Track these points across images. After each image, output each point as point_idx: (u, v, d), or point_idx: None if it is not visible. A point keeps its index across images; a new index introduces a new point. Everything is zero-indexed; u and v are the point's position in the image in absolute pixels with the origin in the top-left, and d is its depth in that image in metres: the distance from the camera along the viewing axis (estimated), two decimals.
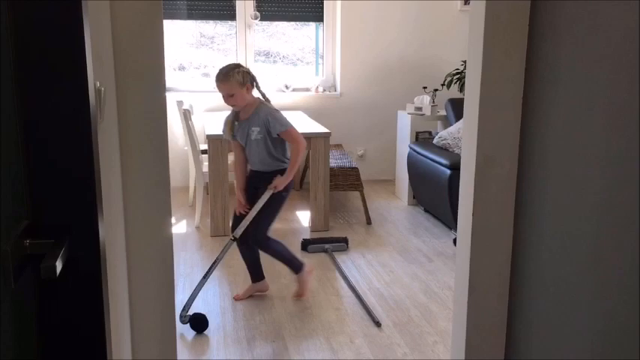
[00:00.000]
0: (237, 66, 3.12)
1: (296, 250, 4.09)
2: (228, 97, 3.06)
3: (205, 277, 3.12)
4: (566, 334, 1.60)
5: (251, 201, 3.19)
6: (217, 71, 3.09)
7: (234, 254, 4.00)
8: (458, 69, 5.26)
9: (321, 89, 5.91)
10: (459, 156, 2.06)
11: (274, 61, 6.09)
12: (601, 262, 1.46)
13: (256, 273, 3.36)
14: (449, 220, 4.24)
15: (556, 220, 1.62)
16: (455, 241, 4.20)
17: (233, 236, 3.19)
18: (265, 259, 3.37)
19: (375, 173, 5.93)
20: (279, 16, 5.90)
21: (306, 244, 4.09)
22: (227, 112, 3.31)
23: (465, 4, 5.78)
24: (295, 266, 3.32)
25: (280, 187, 3.12)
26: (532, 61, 1.69)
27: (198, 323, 3.00)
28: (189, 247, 4.17)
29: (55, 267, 0.87)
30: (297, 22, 6.08)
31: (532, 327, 1.76)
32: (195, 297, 3.06)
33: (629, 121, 1.33)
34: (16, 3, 0.89)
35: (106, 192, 1.32)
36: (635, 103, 1.31)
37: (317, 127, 4.68)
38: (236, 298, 3.34)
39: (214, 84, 3.09)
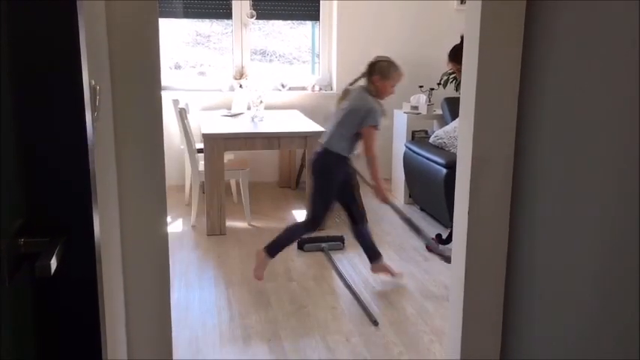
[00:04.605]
0: None
1: (292, 248, 4.09)
2: None
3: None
4: (562, 332, 1.60)
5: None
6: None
7: (230, 254, 4.00)
8: None
9: (317, 88, 5.90)
10: (454, 155, 2.06)
11: (270, 60, 6.08)
12: (597, 261, 1.46)
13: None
14: (445, 219, 4.24)
15: (552, 219, 1.63)
16: (428, 241, 4.02)
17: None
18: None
19: None
20: (276, 15, 5.89)
21: (302, 243, 4.08)
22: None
23: (461, 3, 5.79)
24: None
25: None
26: (527, 60, 1.69)
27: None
28: (184, 246, 4.17)
29: (49, 266, 0.86)
30: (294, 21, 6.08)
31: (527, 326, 1.76)
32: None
33: (625, 120, 1.34)
34: (12, 3, 0.89)
35: (102, 191, 1.32)
36: (633, 102, 1.31)
37: (313, 126, 4.67)
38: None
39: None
